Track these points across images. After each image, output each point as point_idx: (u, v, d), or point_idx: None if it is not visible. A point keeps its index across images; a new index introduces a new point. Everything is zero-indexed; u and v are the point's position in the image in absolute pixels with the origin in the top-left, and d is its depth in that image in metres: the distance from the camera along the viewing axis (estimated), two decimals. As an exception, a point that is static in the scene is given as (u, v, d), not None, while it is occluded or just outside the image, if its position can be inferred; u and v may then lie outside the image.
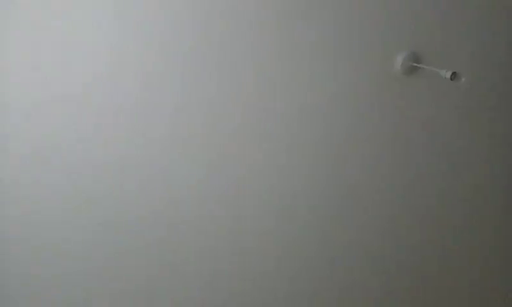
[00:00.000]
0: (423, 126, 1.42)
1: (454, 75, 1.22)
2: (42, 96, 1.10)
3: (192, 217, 1.30)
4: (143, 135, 1.19)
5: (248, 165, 1.29)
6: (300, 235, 1.42)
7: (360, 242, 1.53)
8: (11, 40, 1.04)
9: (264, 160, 1.31)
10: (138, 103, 1.16)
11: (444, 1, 1.31)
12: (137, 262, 1.34)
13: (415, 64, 1.30)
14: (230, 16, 1.15)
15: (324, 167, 1.38)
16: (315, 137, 1.33)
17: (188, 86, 1.18)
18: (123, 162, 1.20)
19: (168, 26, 1.12)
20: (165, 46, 1.13)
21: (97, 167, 1.20)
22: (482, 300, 1.87)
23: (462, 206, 1.62)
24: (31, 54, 1.06)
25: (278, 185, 1.35)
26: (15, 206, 1.16)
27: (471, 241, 1.71)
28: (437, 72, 1.25)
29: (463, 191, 1.58)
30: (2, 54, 1.04)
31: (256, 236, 1.37)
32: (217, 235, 1.34)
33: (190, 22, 1.13)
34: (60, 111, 1.12)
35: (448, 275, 1.74)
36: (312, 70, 1.26)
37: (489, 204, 1.65)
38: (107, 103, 1.14)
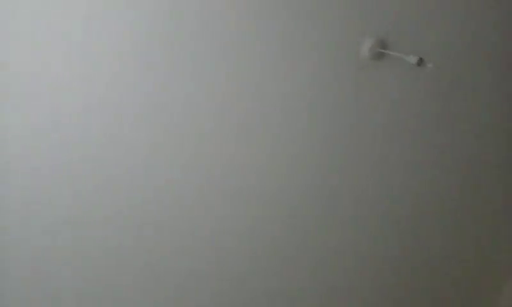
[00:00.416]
0: (391, 112, 1.42)
1: (421, 61, 1.22)
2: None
3: (169, 216, 1.29)
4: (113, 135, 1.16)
5: (215, 163, 1.26)
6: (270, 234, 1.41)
7: (334, 240, 1.54)
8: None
9: (236, 158, 1.28)
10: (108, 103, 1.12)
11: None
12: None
13: (382, 51, 1.30)
14: (192, 15, 1.10)
15: (294, 159, 1.36)
16: (284, 128, 1.31)
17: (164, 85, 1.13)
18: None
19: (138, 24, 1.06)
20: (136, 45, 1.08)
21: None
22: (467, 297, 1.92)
23: (431, 192, 1.64)
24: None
25: (247, 183, 1.32)
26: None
27: (441, 231, 1.75)
28: (403, 58, 1.25)
29: (431, 176, 1.61)
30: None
31: (235, 236, 1.36)
32: (195, 234, 1.32)
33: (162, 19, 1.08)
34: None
35: (431, 273, 1.78)
36: (278, 59, 1.23)
37: (458, 188, 1.69)
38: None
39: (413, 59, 1.22)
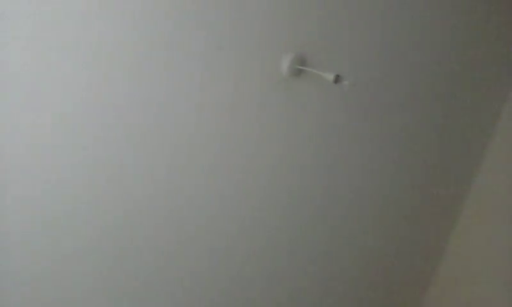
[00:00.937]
0: (308, 128, 1.42)
1: (337, 78, 1.23)
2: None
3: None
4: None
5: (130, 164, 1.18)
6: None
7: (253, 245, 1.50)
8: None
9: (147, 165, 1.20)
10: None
11: (329, 3, 1.31)
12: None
13: (301, 67, 1.29)
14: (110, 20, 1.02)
15: (209, 169, 1.31)
16: (200, 139, 1.25)
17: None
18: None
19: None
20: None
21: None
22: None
23: (351, 207, 1.67)
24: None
25: (167, 188, 1.25)
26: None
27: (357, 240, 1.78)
28: (321, 75, 1.25)
29: (349, 192, 1.63)
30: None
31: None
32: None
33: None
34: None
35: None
36: (201, 73, 1.17)
37: (379, 204, 1.73)
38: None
39: (329, 76, 1.22)
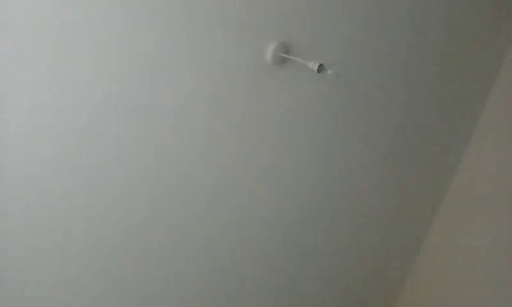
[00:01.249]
0: (293, 117, 1.41)
1: (321, 68, 1.21)
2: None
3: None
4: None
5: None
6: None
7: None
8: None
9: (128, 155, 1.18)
10: None
11: (312, -9, 1.29)
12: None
13: (285, 55, 1.27)
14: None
15: (194, 157, 1.30)
16: (182, 127, 1.24)
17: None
18: None
19: None
20: None
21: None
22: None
23: (328, 195, 1.67)
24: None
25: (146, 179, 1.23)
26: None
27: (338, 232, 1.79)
28: (305, 64, 1.23)
29: (330, 181, 1.63)
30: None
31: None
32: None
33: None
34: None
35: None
36: (184, 60, 1.15)
37: (356, 193, 1.73)
38: None
39: (313, 66, 1.21)
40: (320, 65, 1.21)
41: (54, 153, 1.12)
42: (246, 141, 1.35)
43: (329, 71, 1.22)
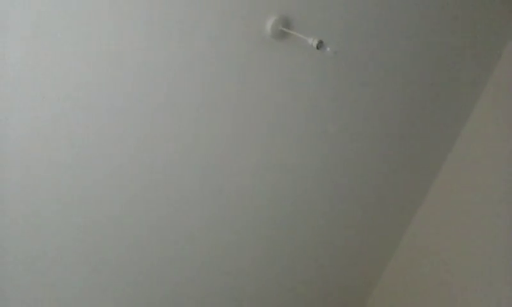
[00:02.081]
0: (290, 93, 1.41)
1: (320, 44, 1.21)
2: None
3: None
4: None
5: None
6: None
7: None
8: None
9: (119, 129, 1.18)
10: None
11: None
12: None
13: (285, 30, 1.26)
14: None
15: (187, 136, 1.30)
16: (181, 103, 1.23)
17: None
18: None
19: None
20: None
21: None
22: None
23: (323, 172, 1.69)
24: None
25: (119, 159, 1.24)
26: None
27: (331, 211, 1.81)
28: (305, 40, 1.23)
29: (326, 158, 1.65)
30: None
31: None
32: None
33: None
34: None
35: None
36: (180, 28, 1.14)
37: (353, 170, 1.75)
38: None
39: (313, 42, 1.20)
40: (320, 42, 1.20)
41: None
42: (242, 113, 1.35)
43: (328, 49, 1.22)
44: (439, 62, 1.69)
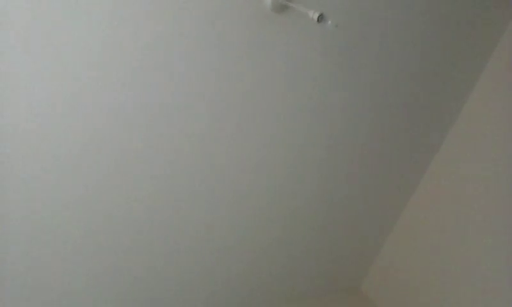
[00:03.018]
0: (290, 67, 1.40)
1: (321, 17, 1.20)
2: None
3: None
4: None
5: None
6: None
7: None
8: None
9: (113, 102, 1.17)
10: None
11: None
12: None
13: (285, 2, 1.24)
14: None
15: (186, 107, 1.29)
16: (179, 82, 1.22)
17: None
18: None
19: None
20: None
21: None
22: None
23: (321, 146, 1.68)
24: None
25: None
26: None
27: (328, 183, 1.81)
28: (305, 13, 1.21)
29: (324, 131, 1.64)
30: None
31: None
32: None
33: None
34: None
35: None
36: (177, 2, 1.12)
37: (351, 146, 1.75)
38: None
39: (313, 15, 1.19)
40: (321, 15, 1.19)
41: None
42: (241, 86, 1.34)
43: (329, 22, 1.20)
44: (441, 36, 1.68)
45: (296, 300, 2.09)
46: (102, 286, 1.44)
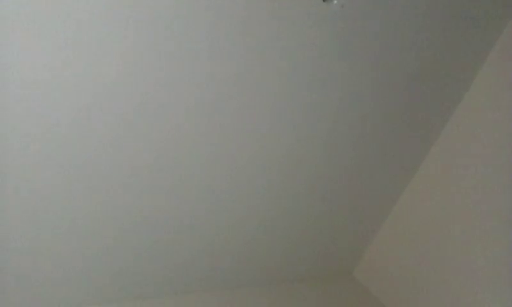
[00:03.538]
0: (294, 46, 1.41)
1: (327, -4, 1.21)
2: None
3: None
4: None
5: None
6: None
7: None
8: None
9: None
10: None
11: None
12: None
13: (292, -19, 1.25)
14: None
15: (190, 87, 1.30)
16: (166, 54, 1.23)
17: None
18: None
19: None
20: None
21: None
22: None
23: (327, 128, 1.70)
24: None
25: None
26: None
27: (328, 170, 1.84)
28: (312, -9, 1.23)
29: (328, 111, 1.65)
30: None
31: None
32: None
33: None
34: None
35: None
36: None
37: (349, 129, 1.77)
38: None
39: (320, -7, 1.20)
40: (327, -7, 1.21)
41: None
42: (244, 65, 1.35)
43: (335, 1, 1.22)
44: (443, 23, 1.70)
45: (287, 282, 2.11)
46: (100, 268, 1.46)
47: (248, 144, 1.54)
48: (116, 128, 1.25)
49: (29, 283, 1.33)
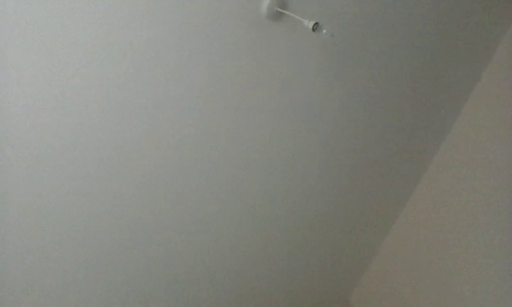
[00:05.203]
0: (285, 75, 1.39)
1: (316, 26, 1.20)
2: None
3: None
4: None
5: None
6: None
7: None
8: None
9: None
10: None
11: None
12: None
13: (281, 10, 1.24)
14: None
15: (176, 116, 1.28)
16: (172, 79, 1.21)
17: None
18: None
19: None
20: None
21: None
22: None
23: (317, 157, 1.68)
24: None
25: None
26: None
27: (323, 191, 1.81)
28: (300, 21, 1.21)
29: (318, 141, 1.64)
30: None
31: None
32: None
33: None
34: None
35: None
36: (174, 7, 1.11)
37: (344, 155, 1.75)
38: None
39: (309, 24, 1.19)
40: (316, 23, 1.19)
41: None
42: (234, 91, 1.33)
43: (324, 31, 1.20)
44: (436, 46, 1.69)
45: (284, 310, 2.07)
46: (96, 281, 1.42)
47: (237, 178, 1.51)
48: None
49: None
